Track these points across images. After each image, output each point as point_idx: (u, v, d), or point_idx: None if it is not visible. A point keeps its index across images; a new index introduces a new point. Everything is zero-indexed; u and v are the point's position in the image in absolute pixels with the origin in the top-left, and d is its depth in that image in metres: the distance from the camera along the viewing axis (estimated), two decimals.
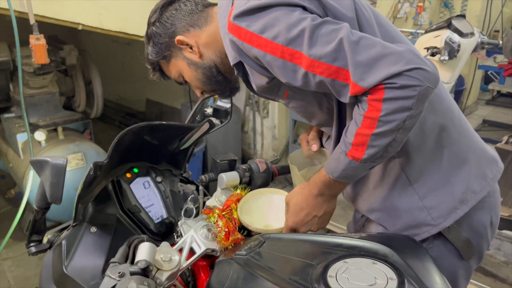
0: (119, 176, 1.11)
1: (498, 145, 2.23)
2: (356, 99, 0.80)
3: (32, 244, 1.04)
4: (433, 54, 2.22)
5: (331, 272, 0.76)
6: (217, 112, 1.35)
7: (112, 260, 0.85)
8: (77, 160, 2.76)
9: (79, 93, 3.14)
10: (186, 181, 1.31)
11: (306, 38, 0.78)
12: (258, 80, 0.93)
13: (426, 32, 2.37)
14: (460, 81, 4.25)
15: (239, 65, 0.93)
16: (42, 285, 1.01)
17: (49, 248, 1.05)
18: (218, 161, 1.13)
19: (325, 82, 0.81)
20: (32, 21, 2.08)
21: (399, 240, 0.88)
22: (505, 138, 2.23)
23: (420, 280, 0.75)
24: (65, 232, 1.04)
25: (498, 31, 4.88)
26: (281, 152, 3.92)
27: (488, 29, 4.56)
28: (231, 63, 0.93)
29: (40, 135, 2.79)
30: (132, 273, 0.79)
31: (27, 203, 2.63)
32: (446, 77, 2.36)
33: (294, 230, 0.99)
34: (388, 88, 0.75)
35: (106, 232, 1.05)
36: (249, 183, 1.14)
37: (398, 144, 0.83)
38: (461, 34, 2.23)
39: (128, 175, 1.12)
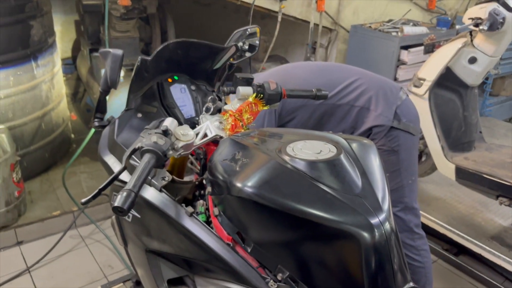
0: (162, 80, 1.45)
1: None
2: None
3: (96, 120, 1.41)
4: (476, 25, 2.30)
5: (291, 145, 1.03)
6: (250, 47, 1.64)
7: (146, 127, 1.19)
8: None
9: (156, 40, 3.58)
10: (218, 98, 1.61)
11: None
12: None
13: (476, 4, 2.43)
14: None
15: None
16: (100, 149, 1.39)
17: (107, 124, 1.41)
18: (238, 77, 1.42)
19: None
20: None
21: (357, 138, 1.11)
22: None
23: (357, 157, 0.99)
24: (119, 115, 1.40)
25: None
26: None
27: None
28: None
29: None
30: (156, 133, 1.11)
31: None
32: (491, 50, 2.41)
33: None
34: None
35: (148, 118, 1.39)
36: (261, 98, 1.41)
37: None
38: (509, 8, 2.27)
39: (170, 80, 1.45)
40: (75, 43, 5.01)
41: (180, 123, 1.44)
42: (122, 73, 3.31)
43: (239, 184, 0.93)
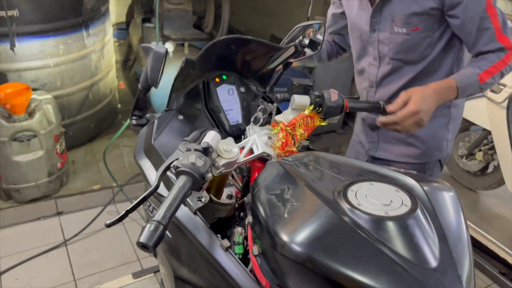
0: (209, 78, 1.28)
1: None
2: None
3: (134, 117, 1.28)
4: None
5: (354, 187, 0.84)
6: (312, 43, 1.43)
7: (185, 138, 1.03)
8: None
9: (209, 15, 3.40)
10: (269, 100, 1.43)
11: None
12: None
13: None
14: None
15: None
16: (136, 151, 1.26)
17: (146, 123, 1.28)
18: (295, 83, 1.24)
19: None
20: None
21: (434, 183, 0.91)
22: None
23: (435, 214, 0.80)
24: (159, 114, 1.26)
25: None
26: None
27: None
28: None
29: (169, 46, 3.15)
30: (195, 150, 0.96)
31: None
32: None
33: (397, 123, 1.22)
34: None
35: (189, 121, 1.25)
36: (319, 109, 1.22)
37: None
38: None
39: (217, 79, 1.29)
40: (130, 9, 4.94)
41: (224, 130, 1.29)
42: (172, 48, 3.18)
43: (285, 239, 0.76)
